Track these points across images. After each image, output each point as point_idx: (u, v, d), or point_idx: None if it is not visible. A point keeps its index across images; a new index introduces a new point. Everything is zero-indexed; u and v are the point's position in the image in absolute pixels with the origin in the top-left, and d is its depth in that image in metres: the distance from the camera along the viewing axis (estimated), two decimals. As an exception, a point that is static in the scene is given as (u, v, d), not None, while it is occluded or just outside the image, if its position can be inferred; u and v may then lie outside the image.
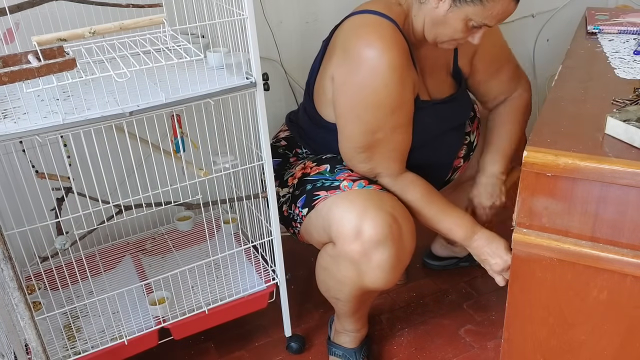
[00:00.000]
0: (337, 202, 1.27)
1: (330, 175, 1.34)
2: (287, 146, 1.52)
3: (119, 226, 1.66)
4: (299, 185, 1.38)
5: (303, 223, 1.37)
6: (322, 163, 1.38)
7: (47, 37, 1.00)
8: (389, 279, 1.27)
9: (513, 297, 1.02)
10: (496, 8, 1.17)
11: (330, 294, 1.40)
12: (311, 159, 1.43)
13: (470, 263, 1.87)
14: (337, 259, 1.28)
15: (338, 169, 1.35)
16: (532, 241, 0.94)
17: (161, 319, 1.38)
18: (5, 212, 1.38)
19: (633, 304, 0.91)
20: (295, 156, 1.50)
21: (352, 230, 1.21)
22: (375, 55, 1.20)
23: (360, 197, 1.25)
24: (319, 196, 1.31)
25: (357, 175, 1.33)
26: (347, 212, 1.23)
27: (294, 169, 1.43)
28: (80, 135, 1.14)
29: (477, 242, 1.32)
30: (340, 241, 1.24)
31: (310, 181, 1.35)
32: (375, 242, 1.20)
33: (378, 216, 1.21)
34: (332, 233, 1.26)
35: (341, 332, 1.52)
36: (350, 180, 1.31)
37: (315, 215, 1.31)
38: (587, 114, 1.00)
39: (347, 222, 1.22)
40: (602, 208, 0.88)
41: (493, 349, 1.57)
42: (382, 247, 1.21)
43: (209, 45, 1.37)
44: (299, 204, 1.36)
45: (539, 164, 0.89)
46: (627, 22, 1.50)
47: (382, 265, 1.23)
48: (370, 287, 1.29)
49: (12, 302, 0.93)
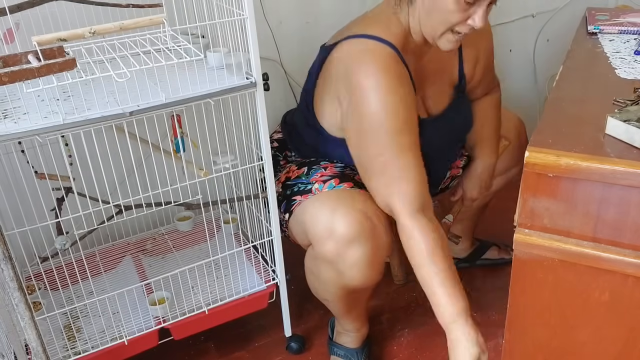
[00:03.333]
0: (309, 206, 1.28)
1: (305, 179, 1.34)
2: (279, 148, 1.52)
3: (119, 226, 1.65)
4: (282, 189, 1.38)
5: (288, 227, 1.38)
6: (302, 166, 1.38)
7: (47, 37, 1.00)
8: (368, 276, 1.25)
9: (514, 298, 1.01)
10: None
11: (320, 296, 1.41)
12: (295, 163, 1.43)
13: (470, 263, 1.88)
14: (316, 261, 1.29)
15: (313, 170, 1.35)
16: (534, 242, 0.94)
17: (161, 319, 1.38)
18: (5, 212, 1.38)
19: (635, 305, 0.91)
20: (285, 159, 1.51)
21: (324, 231, 1.22)
22: (374, 85, 1.18)
23: (330, 198, 1.26)
24: (295, 201, 1.32)
25: (328, 174, 1.32)
26: (318, 214, 1.24)
27: (280, 173, 1.44)
28: (81, 135, 1.14)
29: (453, 332, 1.23)
30: (316, 243, 1.25)
31: (290, 185, 1.36)
32: (347, 239, 1.20)
33: (348, 214, 1.20)
34: (309, 236, 1.27)
35: (341, 332, 1.53)
36: (321, 182, 1.31)
37: (294, 220, 1.33)
38: (588, 114, 1.00)
39: (319, 223, 1.23)
40: (603, 209, 0.88)
41: (493, 349, 1.56)
42: (356, 244, 1.20)
43: (209, 45, 1.36)
44: (282, 209, 1.37)
45: (541, 165, 0.88)
46: (628, 22, 1.50)
47: (357, 263, 1.22)
48: (351, 286, 1.28)
49: (12, 302, 0.93)
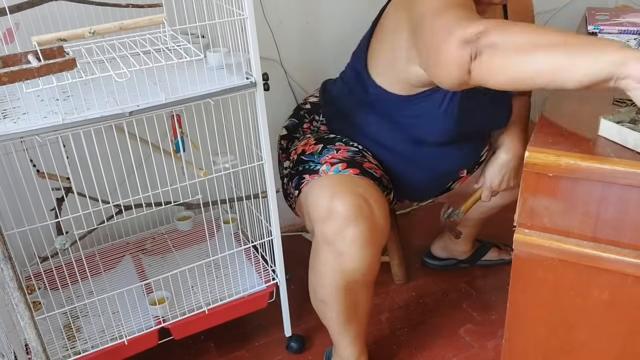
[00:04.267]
0: (312, 188, 1.30)
1: (317, 157, 1.35)
2: (309, 110, 1.53)
3: (119, 226, 1.65)
4: (296, 163, 1.39)
5: (296, 204, 1.39)
6: (319, 142, 1.39)
7: (47, 37, 1.00)
8: (366, 256, 1.25)
9: (514, 298, 1.01)
10: None
11: (317, 297, 1.35)
12: (314, 136, 1.44)
13: (470, 264, 1.88)
14: (316, 248, 1.29)
15: (326, 150, 1.36)
16: (534, 242, 0.94)
17: (161, 319, 1.38)
18: (5, 212, 1.38)
19: (634, 304, 0.91)
20: (310, 123, 1.52)
21: (324, 211, 1.23)
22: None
23: (332, 182, 1.28)
24: (304, 179, 1.33)
25: (338, 157, 1.33)
26: (319, 196, 1.26)
27: (300, 141, 1.45)
28: (80, 135, 1.14)
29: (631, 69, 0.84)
30: (317, 224, 1.26)
31: (303, 161, 1.37)
32: (346, 218, 1.21)
33: (348, 196, 1.23)
34: (312, 219, 1.28)
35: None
36: (329, 164, 1.32)
37: (302, 199, 1.34)
38: (589, 114, 1.00)
39: (320, 205, 1.25)
40: (603, 208, 0.88)
41: (493, 348, 1.57)
42: (354, 222, 1.22)
43: (209, 45, 1.36)
44: (293, 183, 1.38)
45: (540, 164, 0.89)
46: (628, 22, 1.50)
47: (356, 241, 1.23)
48: (349, 269, 1.25)
49: (12, 302, 0.93)
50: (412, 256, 1.92)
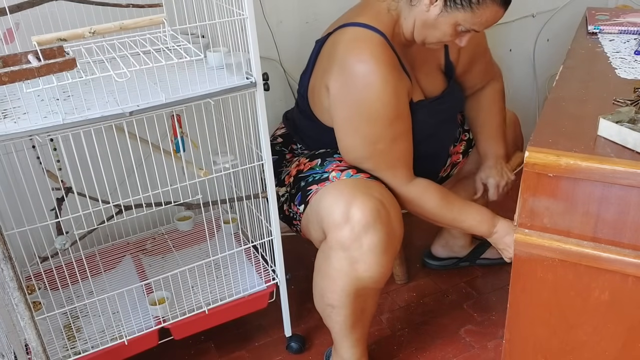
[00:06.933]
0: (326, 194, 1.28)
1: (320, 169, 1.35)
2: (283, 143, 1.53)
3: (119, 226, 1.65)
4: (294, 183, 1.39)
5: (302, 220, 1.37)
6: (315, 158, 1.40)
7: (47, 37, 1.00)
8: (382, 264, 1.25)
9: (514, 298, 1.01)
10: (485, 15, 1.22)
11: (324, 301, 1.34)
12: (305, 155, 1.44)
13: (470, 263, 1.88)
14: (328, 253, 1.27)
15: (328, 161, 1.37)
16: (534, 242, 0.94)
17: (161, 319, 1.38)
18: (5, 212, 1.38)
19: (634, 304, 0.91)
20: (291, 152, 1.51)
21: (341, 217, 1.22)
22: (368, 71, 1.23)
23: (347, 186, 1.26)
24: (311, 190, 1.33)
25: (345, 164, 1.34)
26: (335, 201, 1.24)
27: (290, 167, 1.44)
28: (81, 135, 1.14)
29: (496, 234, 1.37)
30: (331, 230, 1.24)
31: (304, 177, 1.37)
32: (364, 225, 1.20)
33: (366, 201, 1.22)
34: (324, 224, 1.27)
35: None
36: (338, 170, 1.32)
37: (310, 210, 1.33)
38: (589, 114, 1.00)
39: (336, 210, 1.23)
40: (603, 208, 0.88)
41: (493, 349, 1.57)
42: (372, 229, 1.21)
43: (209, 45, 1.36)
44: (296, 201, 1.37)
45: (541, 165, 0.89)
46: (628, 22, 1.50)
47: (373, 249, 1.22)
48: (363, 277, 1.25)
49: (12, 302, 0.93)
50: (413, 256, 1.92)
